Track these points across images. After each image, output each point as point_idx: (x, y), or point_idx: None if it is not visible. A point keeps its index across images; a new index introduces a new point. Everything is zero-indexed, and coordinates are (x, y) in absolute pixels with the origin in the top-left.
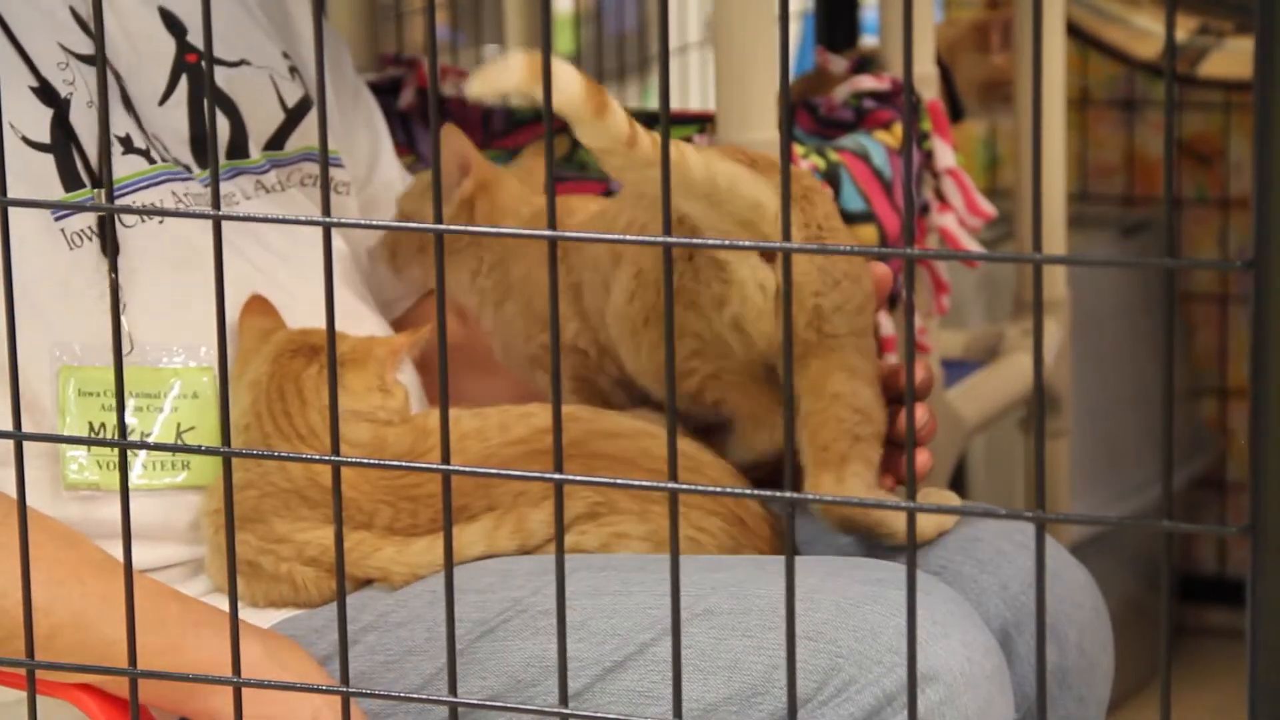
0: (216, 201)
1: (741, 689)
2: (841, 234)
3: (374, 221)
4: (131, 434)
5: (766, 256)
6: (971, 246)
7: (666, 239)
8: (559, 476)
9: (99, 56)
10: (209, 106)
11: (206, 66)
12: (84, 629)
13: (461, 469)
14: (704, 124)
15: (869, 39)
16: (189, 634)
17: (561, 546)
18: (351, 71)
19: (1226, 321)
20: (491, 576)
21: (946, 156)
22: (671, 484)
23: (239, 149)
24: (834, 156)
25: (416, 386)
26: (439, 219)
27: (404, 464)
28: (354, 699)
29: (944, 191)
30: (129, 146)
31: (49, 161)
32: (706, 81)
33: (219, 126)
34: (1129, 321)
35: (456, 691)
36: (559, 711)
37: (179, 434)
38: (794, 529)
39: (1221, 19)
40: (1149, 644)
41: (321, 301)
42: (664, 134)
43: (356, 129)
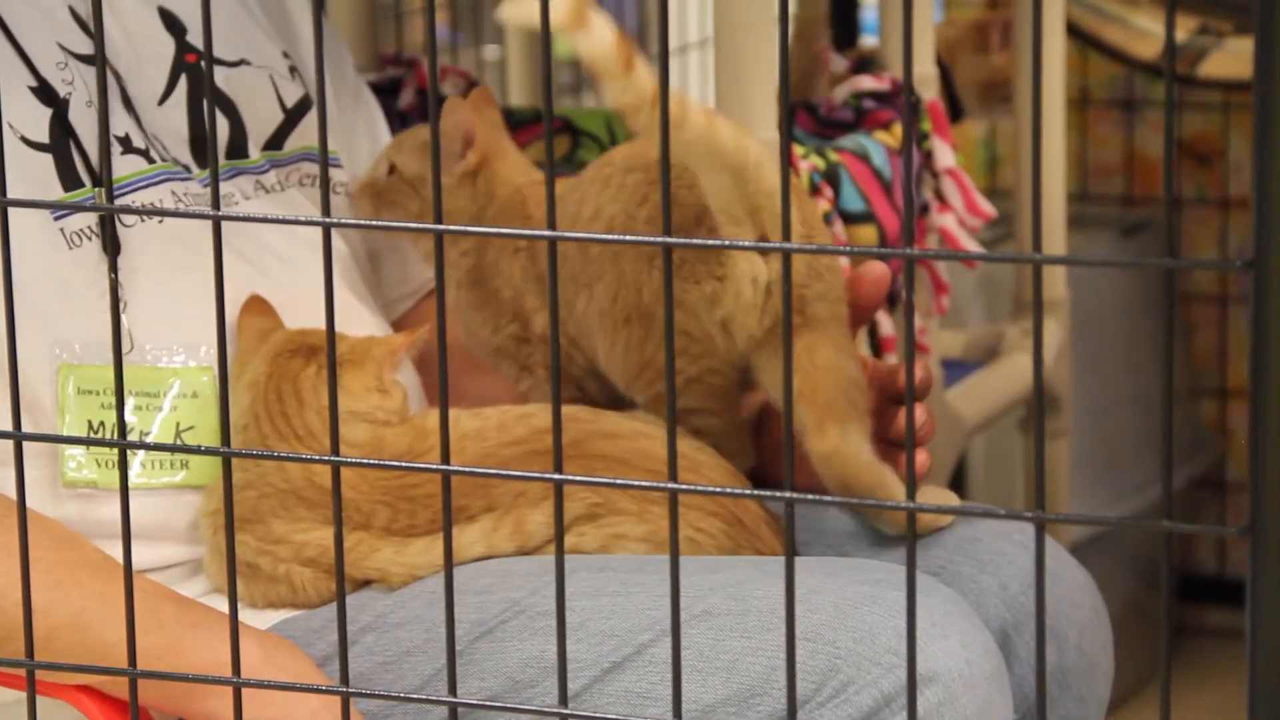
0: (216, 201)
1: (740, 690)
2: (821, 231)
3: (374, 221)
4: (131, 433)
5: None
6: (971, 247)
7: (666, 239)
8: (558, 477)
9: (99, 56)
10: (208, 106)
11: (206, 66)
12: (82, 630)
13: (460, 469)
14: None
15: (869, 39)
16: (187, 635)
17: (561, 547)
18: (352, 71)
19: (1226, 321)
20: (490, 577)
21: (946, 156)
22: (671, 484)
23: (238, 149)
24: (834, 157)
25: (415, 387)
26: (439, 219)
27: (403, 464)
28: (352, 700)
29: (944, 192)
30: (128, 146)
31: (48, 161)
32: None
33: (218, 126)
34: (1129, 321)
35: (456, 692)
36: (558, 712)
37: (178, 433)
38: (793, 529)
39: (1221, 19)
40: (1149, 644)
41: (320, 301)
42: (664, 134)
43: (356, 129)
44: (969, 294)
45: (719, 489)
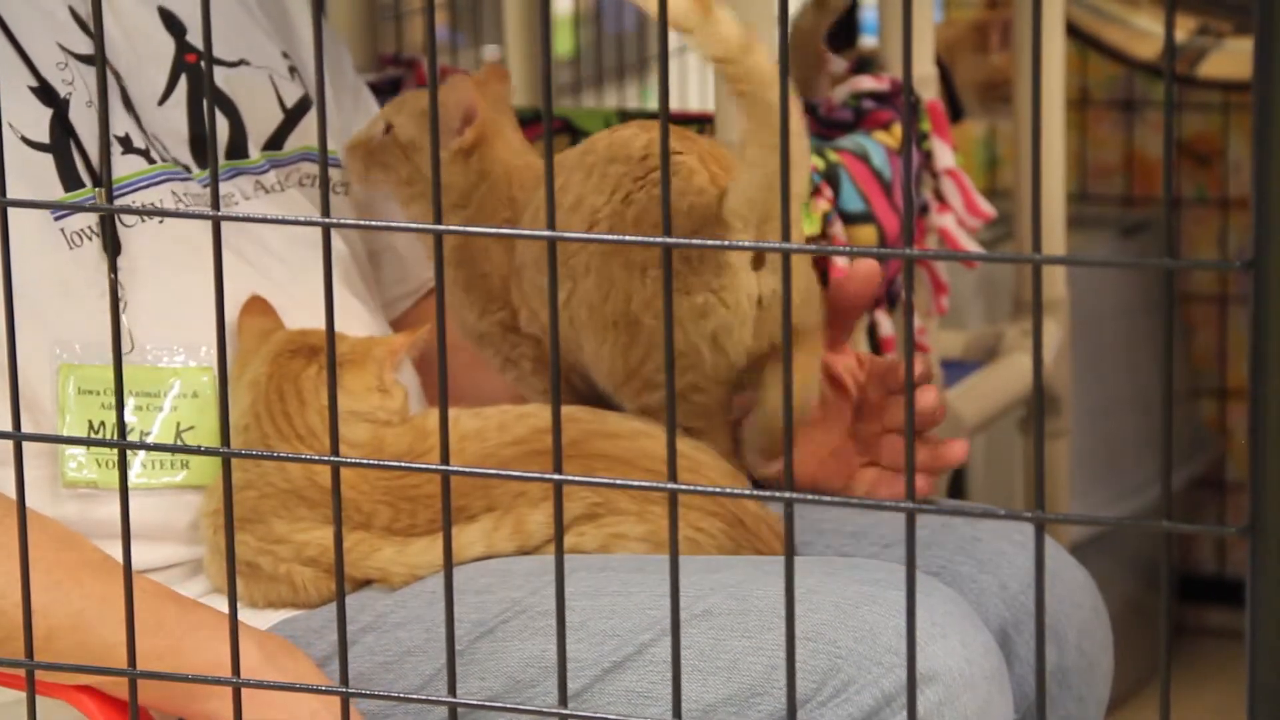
0: (216, 202)
1: (740, 689)
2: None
3: (374, 222)
4: (131, 433)
5: (755, 266)
6: (970, 247)
7: (666, 239)
8: (558, 477)
9: (98, 56)
10: (208, 106)
11: (206, 66)
12: (82, 630)
13: (460, 469)
14: (704, 124)
15: (869, 39)
16: (187, 636)
17: (561, 547)
18: (351, 71)
19: (1226, 322)
20: (490, 577)
21: (946, 157)
22: (670, 484)
23: (238, 149)
24: (833, 157)
25: (416, 387)
26: (438, 219)
27: (403, 464)
28: (352, 700)
29: (943, 192)
30: (128, 146)
31: (48, 161)
32: (706, 81)
33: (218, 126)
34: (1128, 322)
35: (456, 692)
36: (558, 712)
37: (178, 433)
38: (792, 529)
39: (1221, 19)
40: (1148, 644)
41: (320, 301)
42: (664, 134)
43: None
44: (969, 294)
45: (719, 489)
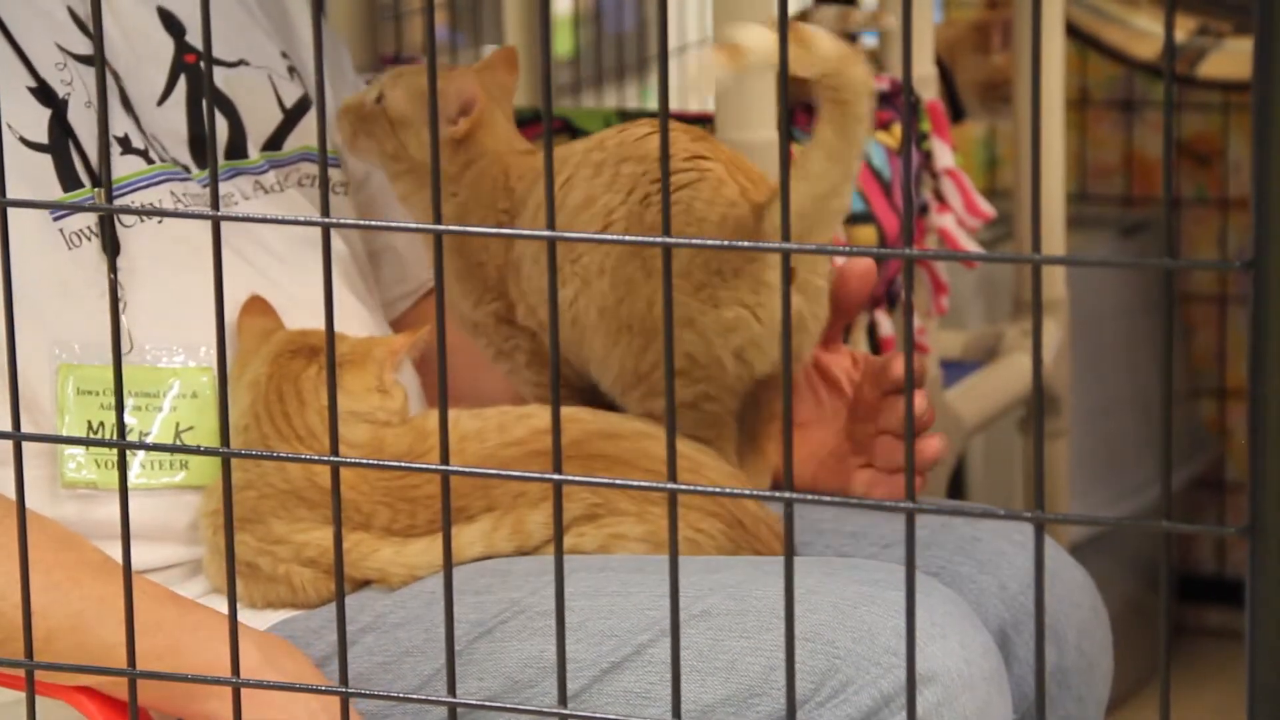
0: (215, 202)
1: (739, 690)
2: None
3: (374, 222)
4: (130, 433)
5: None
6: (970, 247)
7: (666, 239)
8: (557, 477)
9: (98, 57)
10: (208, 107)
11: (205, 67)
12: (81, 631)
13: (460, 469)
14: (703, 124)
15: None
16: (186, 637)
17: (560, 547)
18: (351, 72)
19: (1225, 322)
20: (489, 577)
21: (945, 157)
22: (670, 485)
23: (238, 149)
24: None
25: (416, 387)
26: (438, 219)
27: (403, 465)
28: (352, 700)
29: (943, 192)
30: (127, 147)
31: (47, 162)
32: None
33: (218, 127)
34: (1128, 322)
35: (455, 692)
36: (557, 712)
37: (178, 434)
38: (792, 530)
39: (1220, 19)
40: (1148, 644)
41: (320, 302)
42: (663, 134)
43: None
44: (968, 294)
45: (719, 489)
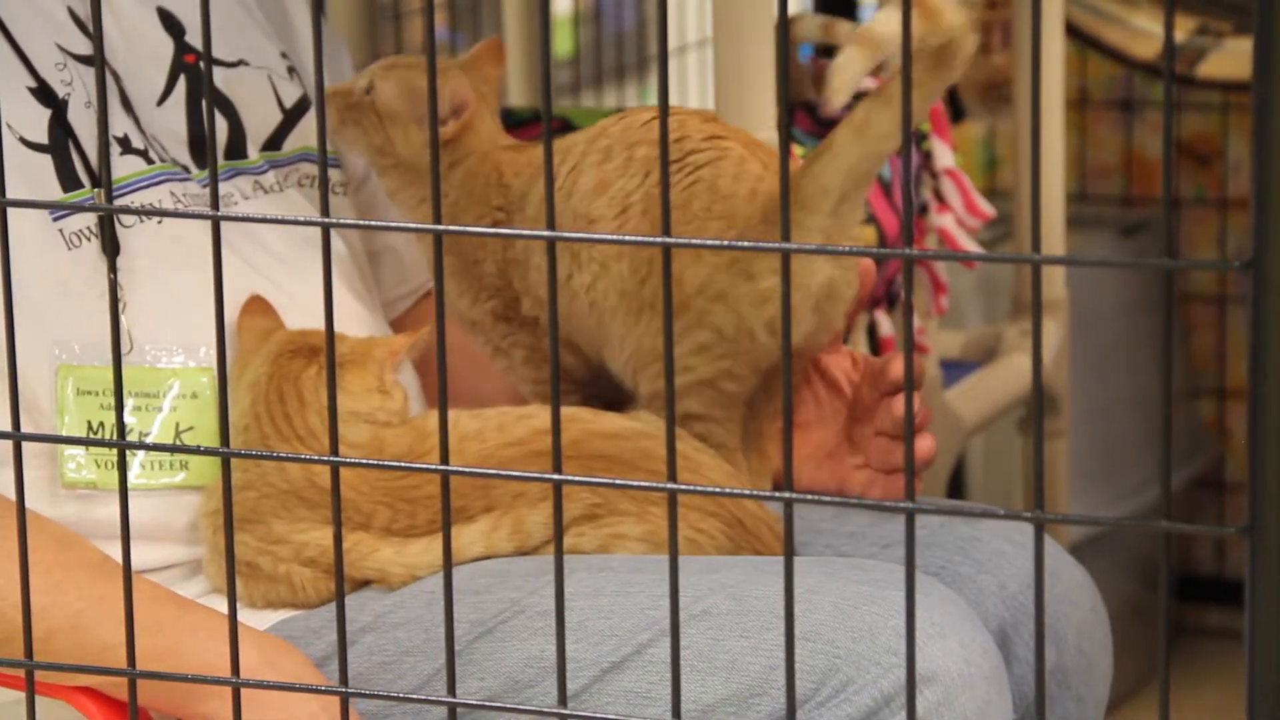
0: (215, 202)
1: (739, 690)
2: None
3: (373, 222)
4: (130, 434)
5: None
6: (970, 247)
7: (666, 239)
8: (557, 477)
9: (97, 57)
10: (207, 107)
11: (205, 67)
12: (81, 631)
13: (460, 470)
14: None
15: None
16: (186, 637)
17: (560, 547)
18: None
19: (1225, 322)
20: (489, 577)
21: (945, 157)
22: (670, 485)
23: (237, 149)
24: None
25: (416, 388)
26: (438, 219)
27: (402, 465)
28: (351, 700)
29: (943, 192)
30: (127, 147)
31: (47, 162)
32: (706, 81)
33: (217, 127)
34: (1128, 322)
35: (455, 692)
36: (557, 712)
37: (178, 434)
38: (791, 530)
39: (1220, 19)
40: (1147, 644)
41: (319, 302)
42: (663, 134)
43: None
44: (968, 294)
45: (719, 489)
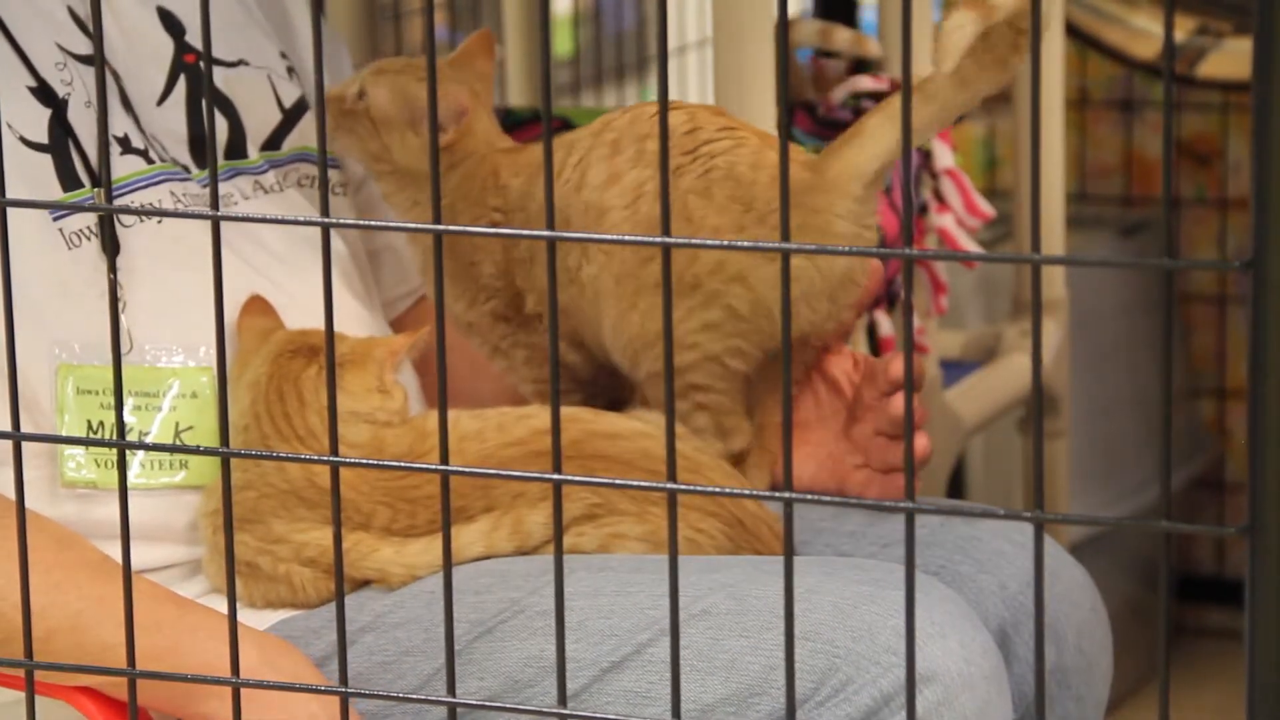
0: (215, 202)
1: (739, 689)
2: None
3: (373, 222)
4: (130, 433)
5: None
6: (970, 247)
7: (666, 239)
8: (557, 477)
9: (97, 57)
10: (207, 107)
11: (205, 67)
12: (80, 631)
13: (460, 470)
14: None
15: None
16: (185, 638)
17: (560, 547)
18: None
19: (1225, 322)
20: (489, 577)
21: (945, 157)
22: (670, 485)
23: (237, 149)
24: None
25: (415, 388)
26: (438, 219)
27: (402, 465)
28: (351, 700)
29: (942, 192)
30: (127, 147)
31: (47, 161)
32: (705, 81)
33: (217, 127)
34: (1128, 322)
35: (455, 692)
36: (557, 712)
37: (177, 433)
38: (791, 529)
39: (1220, 19)
40: (1147, 644)
41: (319, 302)
42: (663, 134)
43: None
44: (967, 294)
45: (718, 489)
